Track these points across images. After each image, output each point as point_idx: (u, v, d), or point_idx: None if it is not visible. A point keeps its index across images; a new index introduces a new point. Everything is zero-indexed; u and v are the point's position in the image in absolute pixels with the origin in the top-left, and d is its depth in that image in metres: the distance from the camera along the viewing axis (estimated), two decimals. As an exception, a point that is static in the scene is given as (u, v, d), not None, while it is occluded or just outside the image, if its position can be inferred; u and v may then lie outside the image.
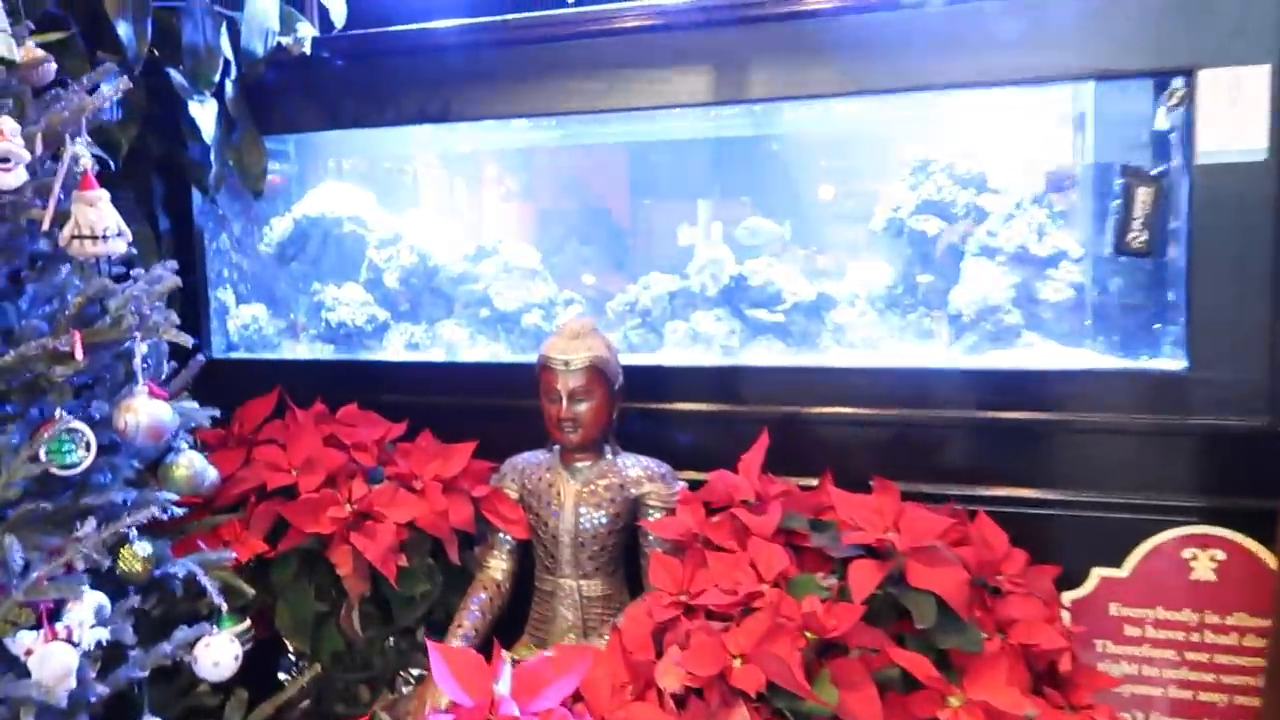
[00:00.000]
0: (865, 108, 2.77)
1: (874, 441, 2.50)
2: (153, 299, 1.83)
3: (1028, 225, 2.55)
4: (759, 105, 2.70)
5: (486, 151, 3.47)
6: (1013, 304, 2.53)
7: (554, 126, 3.15)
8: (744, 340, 2.83)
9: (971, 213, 2.66)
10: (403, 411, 2.73)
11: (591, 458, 2.41)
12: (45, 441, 1.66)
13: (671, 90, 2.59)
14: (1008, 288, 2.53)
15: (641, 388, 2.54)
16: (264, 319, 3.18)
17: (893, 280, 2.77)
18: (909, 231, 2.70)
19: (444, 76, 2.80)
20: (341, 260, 3.20)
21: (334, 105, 2.93)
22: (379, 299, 3.14)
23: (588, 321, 2.40)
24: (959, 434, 2.44)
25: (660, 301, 2.93)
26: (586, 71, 2.66)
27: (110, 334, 1.77)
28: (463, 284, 3.11)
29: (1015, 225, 2.56)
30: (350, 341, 3.08)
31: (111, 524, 1.72)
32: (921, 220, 2.67)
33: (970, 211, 2.66)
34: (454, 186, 3.50)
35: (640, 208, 3.46)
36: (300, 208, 3.20)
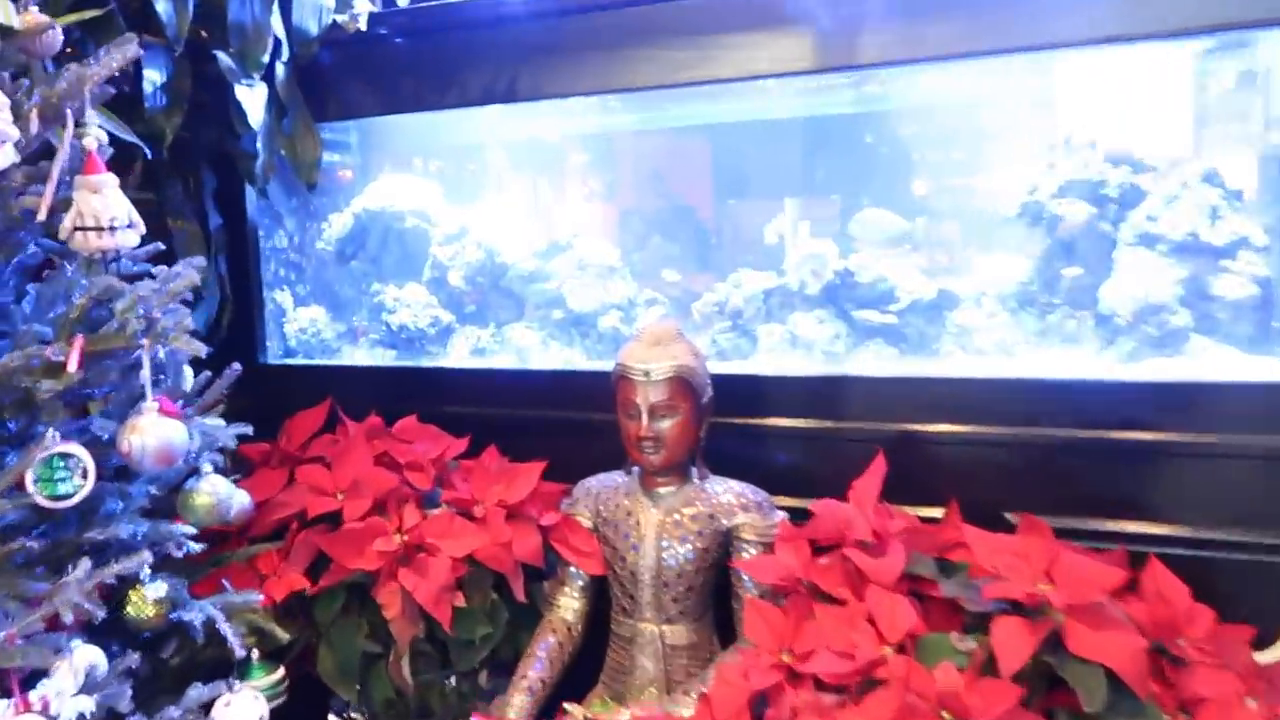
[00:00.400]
0: (991, 73, 2.38)
1: (1006, 466, 2.12)
2: (165, 300, 1.57)
3: (1196, 207, 2.12)
4: (863, 75, 2.34)
5: (558, 137, 3.17)
6: (1179, 303, 2.11)
7: (631, 108, 2.84)
8: (850, 345, 2.46)
9: (1125, 194, 2.24)
10: (466, 424, 2.45)
11: (676, 482, 2.08)
12: (32, 467, 1.40)
13: (765, 57, 2.25)
14: (1173, 283, 2.11)
15: (732, 400, 2.20)
16: (323, 322, 2.95)
17: (1028, 275, 2.36)
18: (1048, 217, 2.29)
19: (511, 51, 2.51)
20: (404, 258, 2.94)
21: (393, 87, 2.67)
22: (443, 300, 2.87)
23: (671, 325, 2.07)
24: (1114, 459, 2.03)
25: (753, 301, 2.59)
26: (666, 39, 2.34)
27: (115, 341, 1.51)
28: (534, 283, 2.82)
29: (1181, 207, 2.13)
30: (412, 346, 2.81)
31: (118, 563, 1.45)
32: (1064, 204, 2.26)
33: (1124, 193, 2.24)
34: (524, 176, 3.21)
35: (726, 196, 3.12)
36: (360, 201, 2.95)
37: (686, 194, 3.22)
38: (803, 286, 2.56)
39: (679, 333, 2.07)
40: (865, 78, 2.47)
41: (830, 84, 2.52)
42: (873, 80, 2.50)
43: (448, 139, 3.19)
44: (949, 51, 2.10)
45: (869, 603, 1.70)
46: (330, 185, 3.04)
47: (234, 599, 1.69)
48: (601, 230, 2.91)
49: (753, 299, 2.59)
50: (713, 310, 2.66)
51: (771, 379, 2.33)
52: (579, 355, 2.72)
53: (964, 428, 2.14)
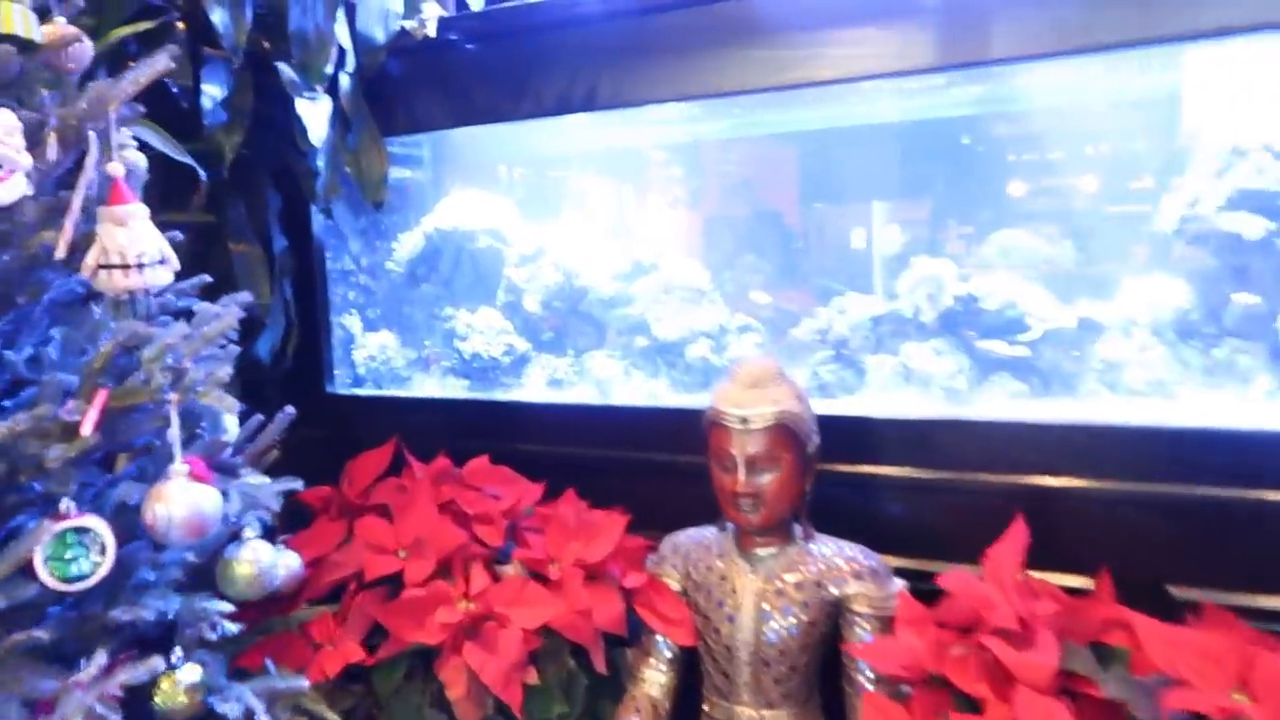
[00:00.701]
0: (1143, 66, 2.06)
1: (1164, 531, 1.80)
2: (197, 347, 1.37)
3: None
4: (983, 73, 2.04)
5: (641, 148, 2.92)
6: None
7: (718, 115, 2.58)
8: (974, 381, 2.17)
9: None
10: (542, 463, 2.24)
11: (777, 542, 1.82)
12: (41, 545, 1.22)
13: (878, 55, 1.97)
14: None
15: (836, 444, 1.92)
16: (393, 349, 2.76)
17: (1189, 301, 2.03)
18: (1214, 234, 1.96)
19: (591, 55, 2.28)
20: (477, 280, 2.74)
21: (464, 97, 2.46)
22: (518, 326, 2.66)
23: (771, 364, 1.81)
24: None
25: (860, 329, 2.31)
26: (763, 37, 2.08)
27: (138, 396, 1.32)
28: (615, 308, 2.59)
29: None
30: (485, 376, 2.61)
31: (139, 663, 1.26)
32: (1234, 218, 1.93)
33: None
34: (604, 191, 2.98)
35: (825, 210, 2.83)
36: (431, 219, 2.76)
37: (780, 208, 2.95)
38: (917, 313, 2.26)
39: (780, 372, 1.81)
40: (985, 75, 2.17)
41: (937, 84, 2.23)
42: (994, 78, 2.20)
43: (524, 151, 2.98)
44: (1112, 40, 1.79)
45: (1018, 708, 1.41)
46: (401, 202, 2.86)
47: (278, 684, 1.49)
48: (688, 249, 2.66)
49: (859, 326, 2.31)
50: (813, 338, 2.38)
51: (882, 421, 2.04)
52: (665, 387, 2.48)
53: (1112, 484, 1.83)
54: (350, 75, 2.43)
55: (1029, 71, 2.12)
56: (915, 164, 2.58)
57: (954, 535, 1.92)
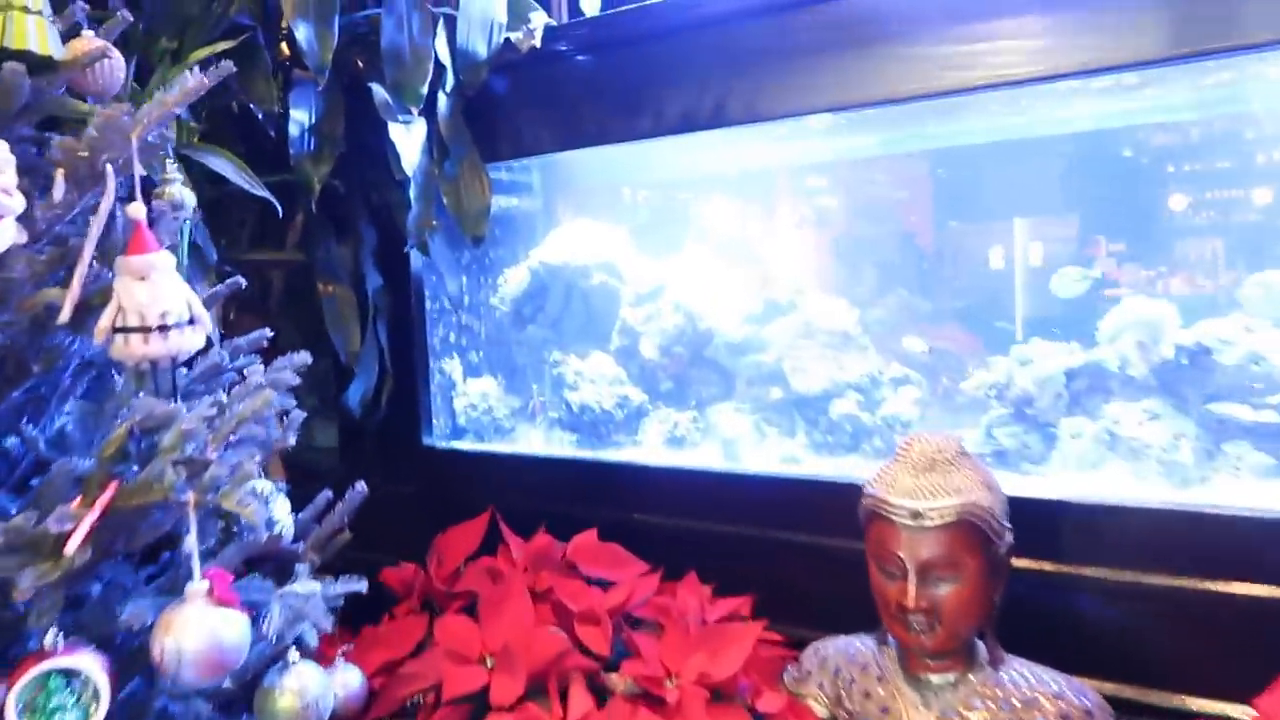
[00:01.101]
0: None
1: None
2: (226, 431, 1.09)
3: None
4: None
5: (779, 169, 2.56)
6: None
7: (867, 128, 2.21)
8: (1202, 454, 1.71)
9: None
10: (659, 538, 1.94)
11: (956, 667, 1.42)
12: (14, 692, 0.95)
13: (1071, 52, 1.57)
14: None
15: (1024, 534, 1.51)
16: (496, 396, 2.48)
17: None
18: None
19: (719, 62, 1.96)
20: (589, 321, 2.43)
21: (575, 117, 2.17)
22: (634, 374, 2.33)
23: (951, 441, 1.42)
24: None
25: (1050, 385, 1.87)
26: (915, 36, 1.71)
27: (149, 495, 1.04)
28: (746, 354, 2.24)
29: None
30: (595, 431, 2.29)
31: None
32: None
33: None
34: (735, 220, 2.63)
35: (999, 237, 2.40)
36: (539, 253, 2.46)
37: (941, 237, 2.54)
38: (1124, 365, 1.82)
39: (962, 451, 1.41)
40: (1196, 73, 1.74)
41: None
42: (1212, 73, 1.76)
43: (644, 175, 2.67)
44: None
45: None
46: (507, 234, 2.59)
47: None
48: (830, 284, 2.27)
49: (1048, 381, 1.88)
50: (987, 394, 1.96)
51: (1085, 506, 1.61)
52: (803, 449, 2.10)
53: None
54: (449, 95, 2.16)
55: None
56: (1112, 184, 2.13)
57: (1183, 659, 1.48)
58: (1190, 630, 1.51)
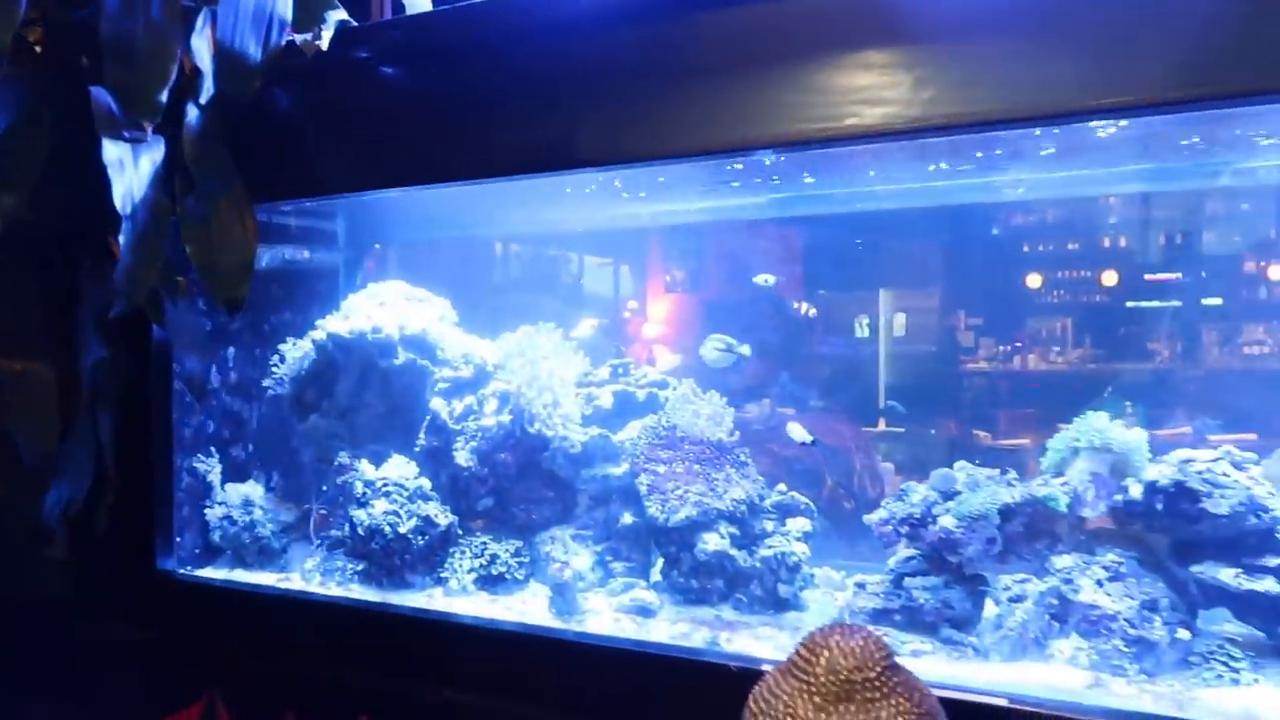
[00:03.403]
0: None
1: None
2: None
3: None
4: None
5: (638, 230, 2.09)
6: None
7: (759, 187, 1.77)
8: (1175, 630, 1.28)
9: None
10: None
11: None
12: None
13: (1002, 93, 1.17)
14: None
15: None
16: (263, 506, 1.88)
17: None
18: None
19: (565, 87, 1.47)
20: (390, 414, 1.87)
21: (377, 146, 1.65)
22: (444, 485, 1.78)
23: (874, 650, 0.92)
24: None
25: (982, 525, 1.43)
26: (805, 72, 1.28)
27: None
28: (590, 465, 1.71)
29: None
30: (389, 561, 1.71)
31: None
32: None
33: None
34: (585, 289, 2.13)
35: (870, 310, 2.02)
36: (331, 323, 1.89)
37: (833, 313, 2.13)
38: (1075, 504, 1.40)
39: (889, 665, 0.92)
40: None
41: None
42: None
43: (475, 229, 2.15)
44: None
45: None
46: (293, 295, 2.01)
47: None
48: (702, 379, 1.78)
49: (980, 520, 1.43)
50: (891, 529, 1.50)
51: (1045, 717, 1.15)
52: (664, 599, 1.59)
53: None
54: (202, 109, 1.60)
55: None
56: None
57: None
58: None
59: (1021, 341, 2.01)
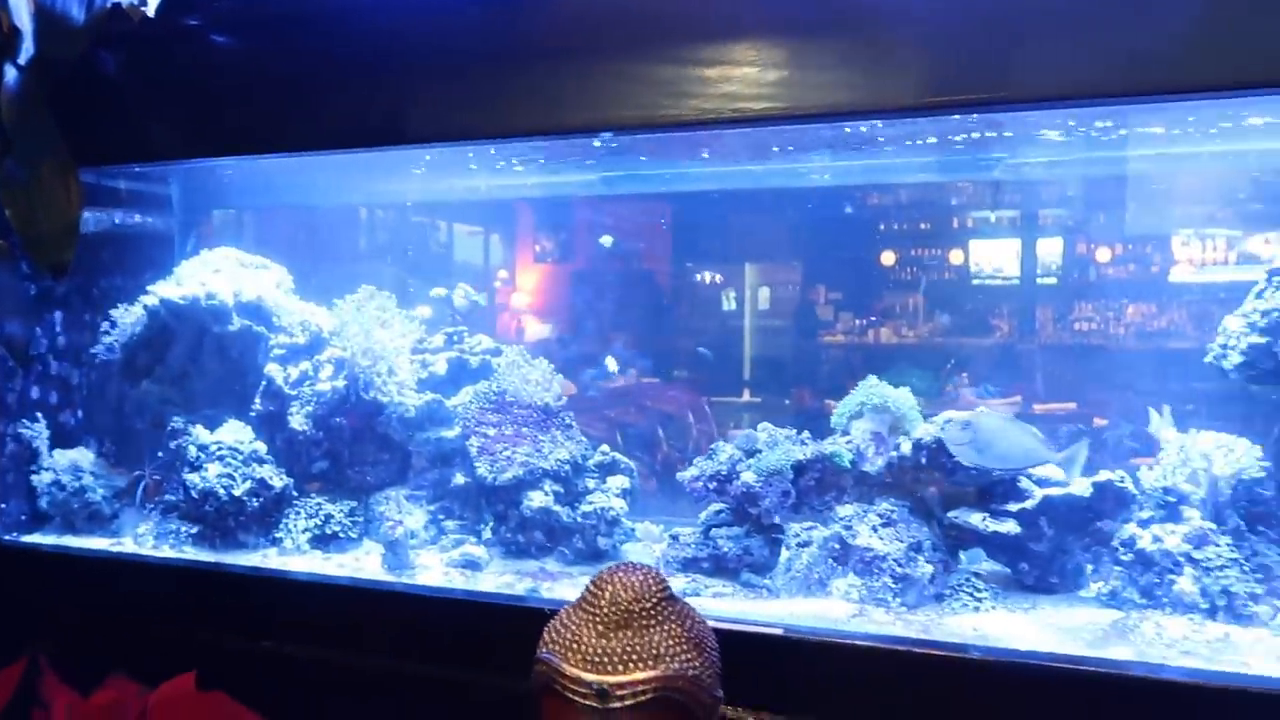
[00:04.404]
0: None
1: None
2: None
3: None
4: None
5: (469, 204, 2.16)
6: None
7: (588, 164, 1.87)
8: (940, 568, 1.46)
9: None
10: (297, 673, 1.45)
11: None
12: None
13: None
14: None
15: (757, 675, 1.21)
16: (91, 473, 1.88)
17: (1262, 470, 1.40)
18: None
19: (398, 65, 1.53)
20: (224, 379, 1.89)
21: (208, 114, 1.66)
22: (280, 448, 1.82)
23: (652, 583, 1.04)
24: None
25: (777, 482, 1.58)
26: (628, 56, 1.39)
27: None
28: (425, 428, 1.79)
29: None
30: (224, 523, 1.75)
31: None
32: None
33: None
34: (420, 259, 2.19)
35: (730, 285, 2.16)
36: (163, 288, 1.89)
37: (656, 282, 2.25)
38: (858, 460, 1.57)
39: (665, 597, 1.04)
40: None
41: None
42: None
43: (317, 197, 2.18)
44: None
45: None
46: (125, 259, 2.00)
47: None
48: (536, 347, 1.88)
49: (775, 475, 1.58)
50: (701, 485, 1.64)
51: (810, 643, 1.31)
52: (493, 554, 1.69)
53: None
54: (22, 70, 1.58)
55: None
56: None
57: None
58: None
59: (865, 317, 2.19)
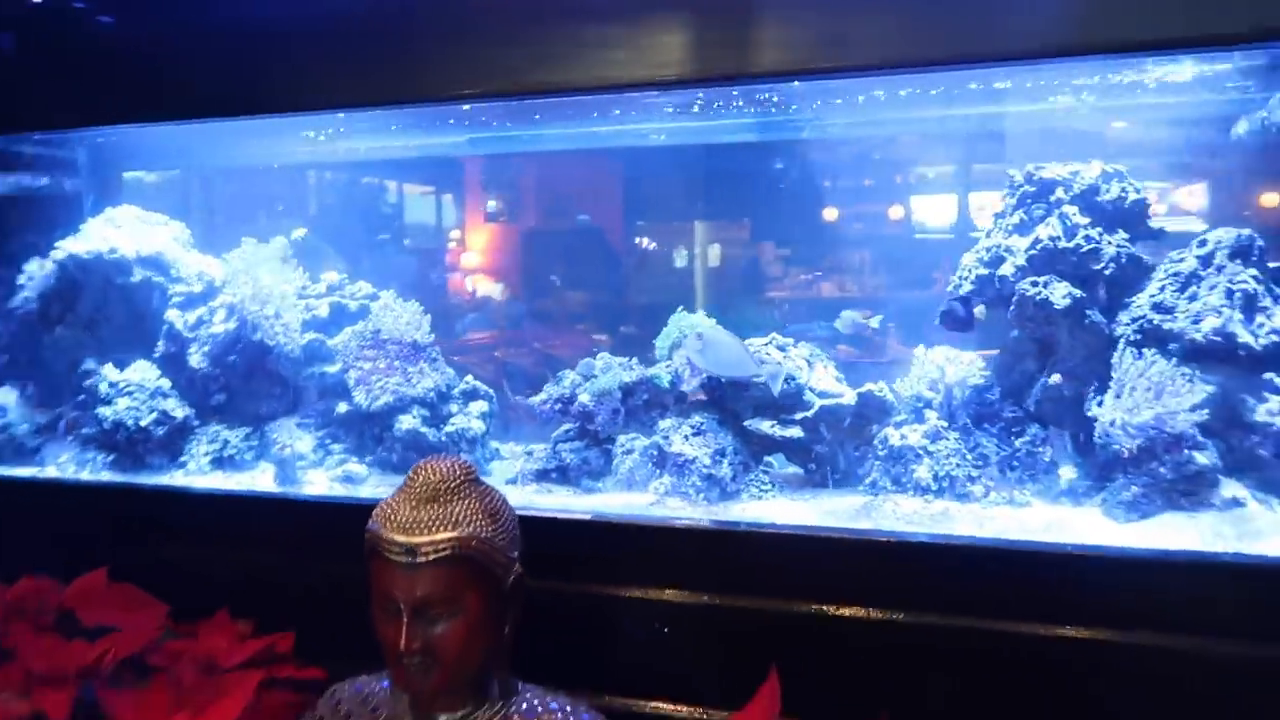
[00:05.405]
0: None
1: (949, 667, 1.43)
2: None
3: (1228, 295, 1.49)
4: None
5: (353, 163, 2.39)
6: (1203, 433, 1.46)
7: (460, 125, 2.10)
8: (740, 468, 1.75)
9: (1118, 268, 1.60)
10: (201, 574, 1.68)
11: (465, 704, 1.33)
12: None
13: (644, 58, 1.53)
14: (1192, 404, 1.46)
15: (571, 553, 1.48)
16: (15, 411, 2.10)
17: (984, 379, 1.70)
18: (1019, 300, 1.63)
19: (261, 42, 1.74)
20: (130, 324, 2.12)
21: (97, 88, 1.87)
22: (182, 384, 2.06)
23: (456, 467, 1.32)
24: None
25: (607, 401, 1.86)
26: (507, 31, 1.61)
27: None
28: (311, 365, 2.04)
29: (1208, 294, 1.50)
30: (133, 451, 1.99)
31: None
32: (1039, 285, 1.60)
33: (1117, 267, 1.60)
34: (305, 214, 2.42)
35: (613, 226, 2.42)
36: (72, 243, 2.11)
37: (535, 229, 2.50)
38: (676, 380, 1.85)
39: (469, 479, 1.31)
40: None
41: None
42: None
43: (211, 159, 2.39)
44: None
45: None
46: (35, 219, 2.21)
47: None
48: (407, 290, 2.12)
49: (606, 395, 1.86)
50: (553, 409, 1.92)
51: (626, 526, 1.60)
52: (373, 471, 1.95)
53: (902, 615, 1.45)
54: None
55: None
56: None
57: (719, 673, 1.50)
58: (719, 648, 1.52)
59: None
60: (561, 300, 2.52)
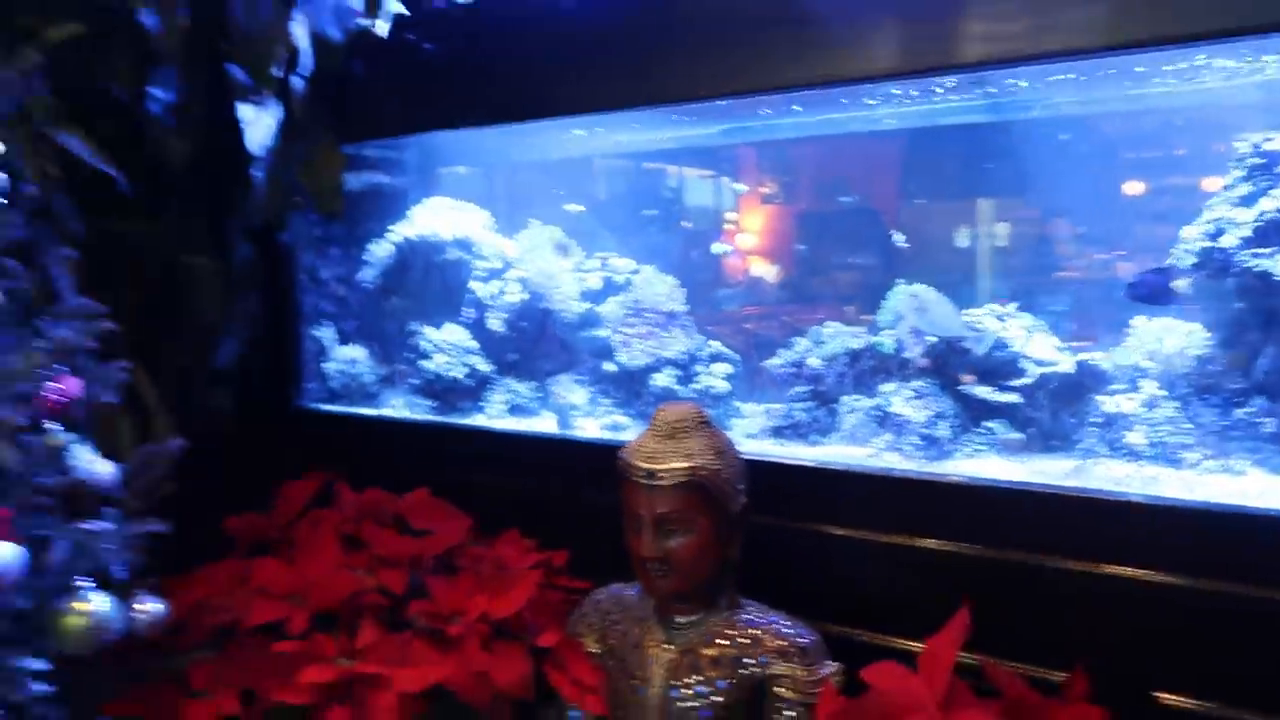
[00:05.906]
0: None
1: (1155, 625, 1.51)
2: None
3: None
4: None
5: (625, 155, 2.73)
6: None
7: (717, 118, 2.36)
8: (958, 430, 1.90)
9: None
10: (494, 497, 2.09)
11: (698, 609, 1.61)
12: None
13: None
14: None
15: (793, 497, 1.72)
16: (364, 363, 2.64)
17: (1207, 349, 1.73)
18: (1239, 272, 1.65)
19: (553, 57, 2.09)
20: (444, 295, 2.59)
21: (424, 101, 2.31)
22: (485, 345, 2.49)
23: (691, 410, 1.60)
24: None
25: (835, 364, 2.06)
26: (765, 33, 1.82)
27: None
28: (584, 329, 2.40)
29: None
30: (447, 398, 2.45)
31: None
32: (1262, 257, 1.62)
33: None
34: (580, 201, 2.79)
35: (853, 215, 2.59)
36: (403, 228, 2.61)
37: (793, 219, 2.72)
38: (900, 348, 2.01)
39: (701, 420, 1.59)
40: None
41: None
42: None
43: (504, 157, 2.82)
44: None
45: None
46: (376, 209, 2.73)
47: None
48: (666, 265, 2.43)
49: (834, 360, 2.06)
50: (788, 371, 2.15)
51: (841, 474, 1.81)
52: (632, 419, 2.29)
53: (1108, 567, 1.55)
54: (305, 79, 2.30)
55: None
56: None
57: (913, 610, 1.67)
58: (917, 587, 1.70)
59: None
60: (831, 280, 2.71)
